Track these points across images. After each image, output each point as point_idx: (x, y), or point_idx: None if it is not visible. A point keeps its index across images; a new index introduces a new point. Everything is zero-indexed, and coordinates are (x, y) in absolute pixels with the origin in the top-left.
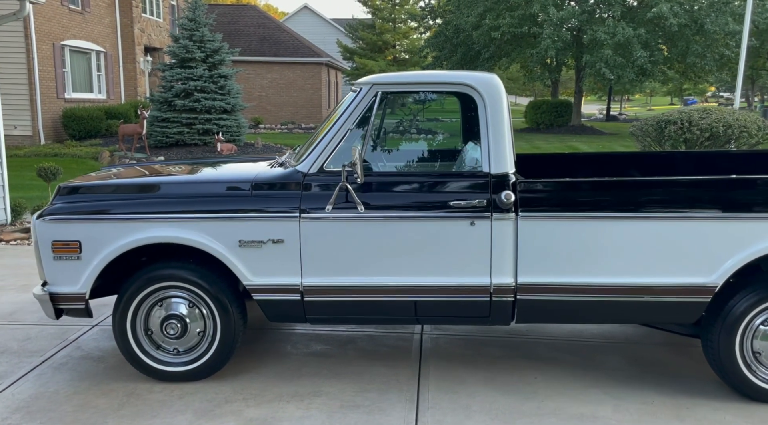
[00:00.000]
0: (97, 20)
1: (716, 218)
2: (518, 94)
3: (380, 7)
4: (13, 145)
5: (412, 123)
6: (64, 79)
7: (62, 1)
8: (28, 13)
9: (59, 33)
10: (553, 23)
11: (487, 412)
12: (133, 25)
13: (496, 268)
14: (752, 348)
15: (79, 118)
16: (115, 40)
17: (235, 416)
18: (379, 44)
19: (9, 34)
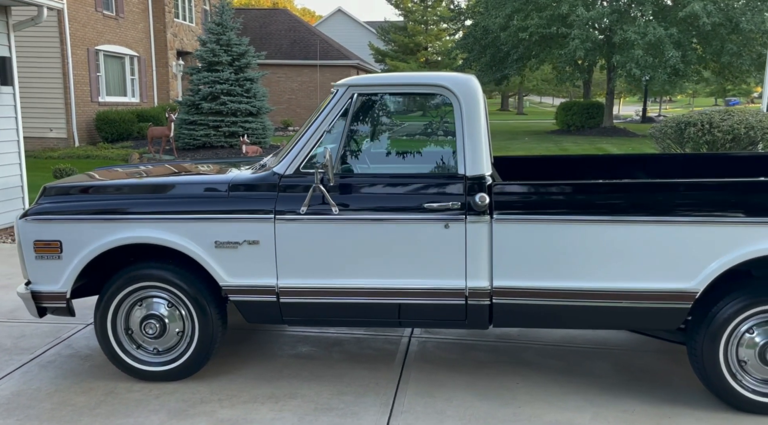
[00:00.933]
0: (130, 25)
1: (695, 222)
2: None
3: (412, 9)
4: (48, 147)
5: (389, 124)
6: (98, 83)
7: (96, 7)
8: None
9: (94, 38)
10: (582, 23)
11: (461, 417)
12: (165, 30)
13: (472, 271)
14: (737, 356)
15: (111, 121)
16: (148, 44)
17: (207, 416)
18: (411, 46)
19: (45, 40)
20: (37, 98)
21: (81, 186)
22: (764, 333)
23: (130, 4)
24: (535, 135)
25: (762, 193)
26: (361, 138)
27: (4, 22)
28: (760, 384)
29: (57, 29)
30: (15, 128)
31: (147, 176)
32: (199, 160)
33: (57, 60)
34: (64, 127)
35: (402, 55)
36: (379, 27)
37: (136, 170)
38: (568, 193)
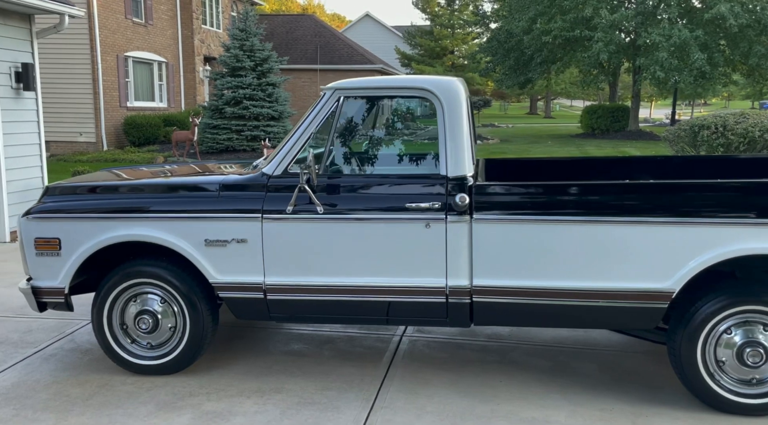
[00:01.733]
0: (159, 32)
1: (670, 223)
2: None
3: (438, 14)
4: (78, 151)
5: (375, 126)
6: (127, 89)
7: (126, 15)
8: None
9: (123, 45)
10: (606, 26)
11: (439, 413)
12: (193, 37)
13: (452, 270)
14: (715, 356)
15: (138, 125)
16: (176, 50)
17: (193, 409)
18: (437, 50)
19: (75, 47)
20: (68, 103)
21: (80, 186)
22: (742, 333)
23: (159, 11)
24: (559, 138)
25: (736, 193)
26: (347, 139)
27: (28, 29)
28: (737, 384)
29: (87, 36)
30: (37, 132)
31: (145, 177)
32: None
33: (87, 66)
34: (93, 131)
35: (428, 59)
36: (406, 31)
37: (138, 171)
38: (545, 194)
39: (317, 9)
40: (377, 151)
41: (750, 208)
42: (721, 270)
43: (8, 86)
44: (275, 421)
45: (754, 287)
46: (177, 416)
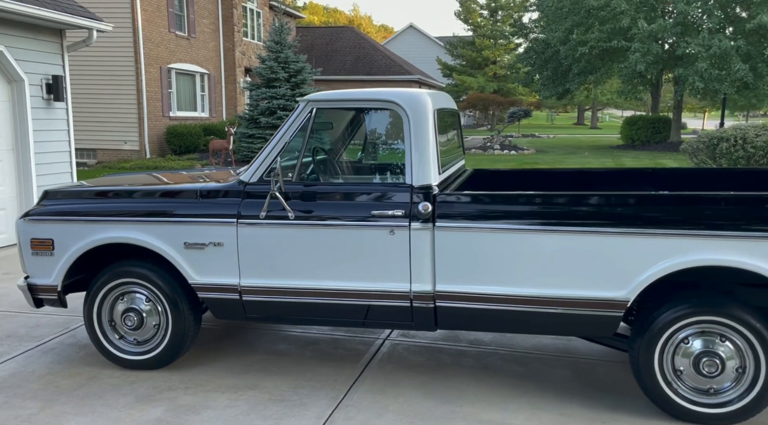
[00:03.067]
0: (201, 45)
1: (624, 233)
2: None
3: (480, 24)
4: (122, 158)
5: (345, 137)
6: (170, 99)
7: (170, 28)
8: (136, 39)
9: (166, 57)
10: (644, 37)
11: (400, 412)
12: (234, 49)
13: (416, 275)
14: (673, 365)
15: (180, 134)
16: (218, 62)
17: (169, 402)
18: (479, 61)
19: (121, 59)
20: (114, 113)
21: (73, 191)
22: (699, 343)
23: (202, 24)
24: (598, 150)
25: (687, 205)
26: (319, 148)
27: (59, 43)
28: (695, 393)
29: (132, 49)
30: (67, 140)
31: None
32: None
33: (132, 78)
34: (137, 139)
35: (469, 69)
36: (448, 42)
37: (136, 177)
38: (503, 204)
39: (364, 20)
40: (348, 160)
41: (701, 220)
42: (685, 280)
43: (40, 97)
44: (242, 415)
45: (712, 298)
46: (152, 407)
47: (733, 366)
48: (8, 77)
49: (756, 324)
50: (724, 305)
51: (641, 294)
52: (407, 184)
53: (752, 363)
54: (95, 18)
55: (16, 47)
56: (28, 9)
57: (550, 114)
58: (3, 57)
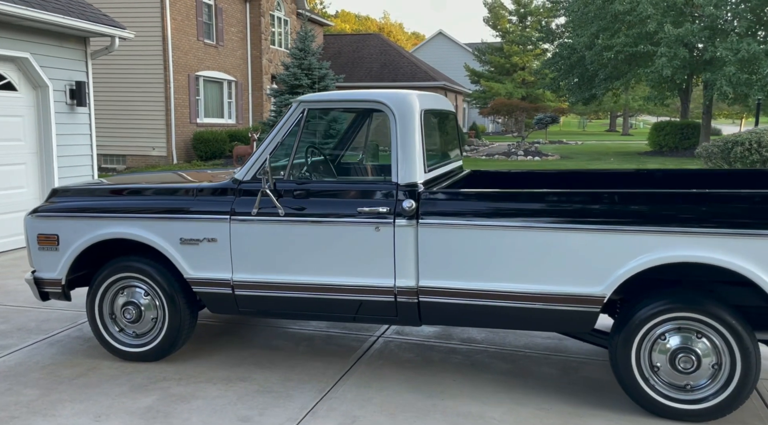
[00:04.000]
0: (229, 53)
1: (601, 230)
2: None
3: (509, 30)
4: (150, 164)
5: (335, 136)
6: (197, 106)
7: (198, 37)
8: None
9: (194, 65)
10: (670, 41)
11: (381, 404)
12: (261, 57)
13: (400, 271)
14: (650, 361)
15: (206, 140)
16: (245, 70)
17: (161, 391)
18: (507, 67)
19: (150, 67)
20: (143, 120)
21: (79, 189)
22: (676, 339)
23: (230, 33)
24: (624, 155)
25: (662, 203)
26: (311, 148)
27: (83, 51)
28: (671, 389)
29: (161, 57)
30: (89, 144)
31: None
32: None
33: (161, 85)
34: (164, 145)
35: (497, 75)
36: (477, 48)
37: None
38: (484, 201)
39: (394, 28)
40: (338, 158)
41: (675, 217)
42: (665, 278)
43: (63, 102)
44: (230, 405)
45: (689, 295)
46: (144, 396)
47: (709, 363)
48: (34, 83)
49: (732, 321)
50: (700, 302)
51: (624, 292)
52: (393, 182)
53: (728, 360)
54: (118, 26)
55: (42, 54)
56: (53, 17)
57: (581, 120)
58: (29, 64)
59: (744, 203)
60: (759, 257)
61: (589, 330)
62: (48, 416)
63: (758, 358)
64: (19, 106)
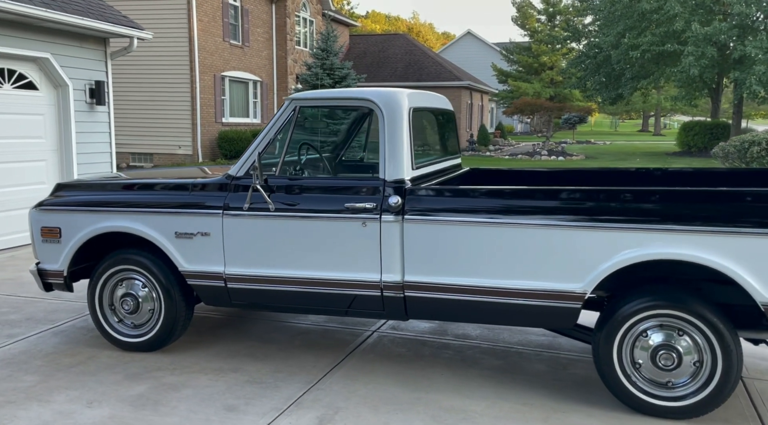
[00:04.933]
0: (255, 53)
1: (580, 227)
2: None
3: (538, 29)
4: (176, 162)
5: (326, 133)
6: (223, 106)
7: (224, 38)
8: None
9: (220, 65)
10: (698, 40)
11: (366, 397)
12: (287, 57)
13: (386, 266)
14: (632, 357)
15: (231, 139)
16: (271, 70)
17: (154, 380)
18: (535, 66)
19: (177, 68)
20: (169, 119)
21: (81, 184)
22: (657, 336)
23: (256, 33)
24: (652, 156)
25: (643, 200)
26: (301, 144)
27: (103, 51)
28: (652, 386)
29: (188, 58)
30: (108, 141)
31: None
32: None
33: (187, 85)
34: (190, 144)
35: (525, 75)
36: (504, 48)
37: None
38: (467, 198)
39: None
40: (329, 155)
41: (655, 215)
42: (651, 276)
43: (83, 101)
44: (218, 394)
45: (671, 292)
46: (138, 385)
47: (690, 361)
48: (54, 82)
49: (714, 319)
50: (683, 300)
51: (612, 289)
52: (380, 178)
53: (709, 358)
54: (137, 27)
55: (62, 54)
56: (72, 19)
57: (613, 121)
58: (49, 64)
59: (723, 201)
60: (739, 255)
61: (571, 326)
62: (43, 401)
63: (740, 357)
64: (40, 104)
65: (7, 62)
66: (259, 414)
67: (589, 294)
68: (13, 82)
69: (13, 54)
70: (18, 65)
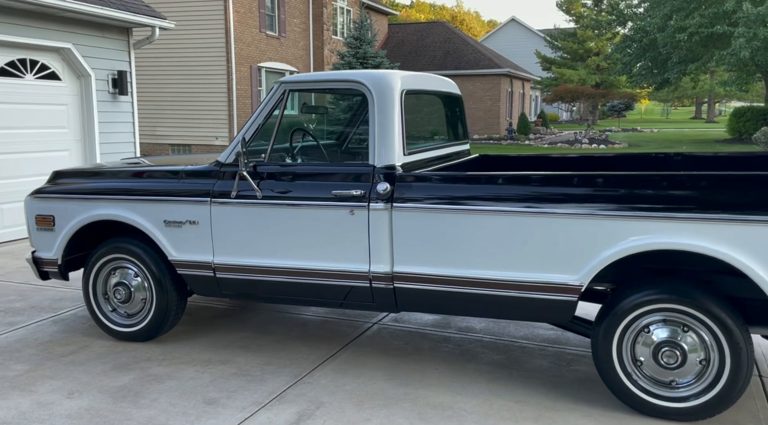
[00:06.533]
0: (291, 44)
1: (574, 215)
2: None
3: (583, 14)
4: (214, 153)
5: (316, 117)
6: (259, 97)
7: (260, 29)
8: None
9: (256, 56)
10: (750, 21)
11: (352, 392)
12: (323, 47)
13: (375, 256)
14: (633, 354)
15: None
16: (307, 60)
17: (140, 371)
18: (581, 52)
19: (213, 59)
20: (207, 110)
21: (75, 172)
22: (660, 332)
23: (292, 24)
24: (699, 144)
25: (641, 187)
26: (294, 130)
27: (126, 41)
28: (655, 385)
29: (224, 49)
30: (131, 131)
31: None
32: None
33: (223, 76)
34: (227, 135)
35: (571, 61)
36: (549, 34)
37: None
38: (458, 184)
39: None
40: (318, 139)
41: (654, 201)
42: (659, 267)
43: (105, 91)
44: (201, 386)
45: (675, 285)
46: (123, 375)
47: (696, 359)
48: (77, 73)
49: (722, 315)
50: (688, 293)
51: (616, 282)
52: (370, 164)
53: (717, 356)
54: (159, 16)
55: (83, 44)
56: (91, 8)
57: (665, 108)
58: (71, 54)
59: (729, 186)
60: (747, 245)
61: (567, 320)
62: (25, 391)
63: (750, 355)
64: (63, 94)
65: (28, 53)
66: (238, 408)
67: (587, 286)
68: (36, 73)
69: (35, 44)
70: (40, 55)
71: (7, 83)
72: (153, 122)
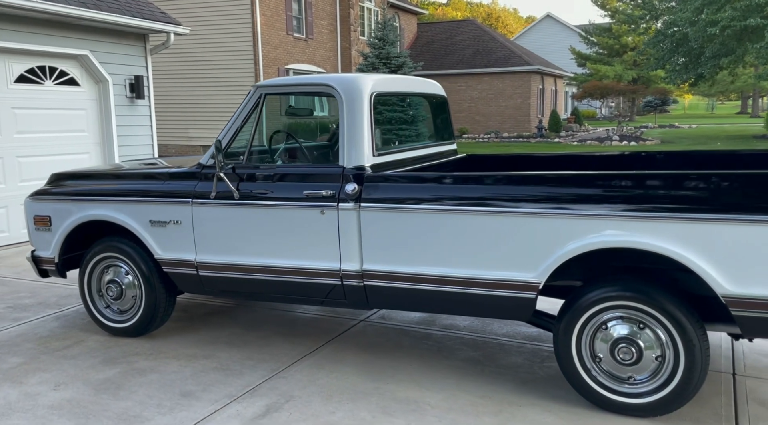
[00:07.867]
0: (319, 45)
1: (530, 213)
2: None
3: (618, 9)
4: None
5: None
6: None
7: (288, 31)
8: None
9: (284, 58)
10: None
11: (323, 386)
12: (351, 48)
13: (345, 255)
14: (592, 350)
15: None
16: (335, 61)
17: (127, 365)
18: (616, 48)
19: (241, 62)
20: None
21: (72, 174)
22: (617, 329)
23: (320, 26)
24: (737, 140)
25: (595, 186)
26: (268, 132)
27: (143, 46)
28: (613, 381)
29: (251, 52)
30: (149, 134)
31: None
32: None
33: (251, 79)
34: None
35: (606, 57)
36: (583, 29)
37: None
38: (421, 185)
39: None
40: (293, 142)
41: (606, 200)
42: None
43: (123, 96)
44: (180, 380)
45: (635, 283)
46: (109, 369)
47: (652, 356)
48: (95, 78)
49: (676, 312)
50: (644, 291)
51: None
52: (340, 165)
53: (672, 353)
54: (174, 22)
55: (101, 51)
56: (107, 17)
57: (709, 103)
58: (89, 60)
59: (676, 185)
60: (695, 243)
61: (528, 317)
62: (16, 383)
63: (705, 353)
64: (82, 99)
65: (48, 60)
66: (211, 400)
67: (550, 283)
68: (55, 79)
69: (53, 52)
70: (59, 62)
71: (27, 89)
72: (185, 124)
